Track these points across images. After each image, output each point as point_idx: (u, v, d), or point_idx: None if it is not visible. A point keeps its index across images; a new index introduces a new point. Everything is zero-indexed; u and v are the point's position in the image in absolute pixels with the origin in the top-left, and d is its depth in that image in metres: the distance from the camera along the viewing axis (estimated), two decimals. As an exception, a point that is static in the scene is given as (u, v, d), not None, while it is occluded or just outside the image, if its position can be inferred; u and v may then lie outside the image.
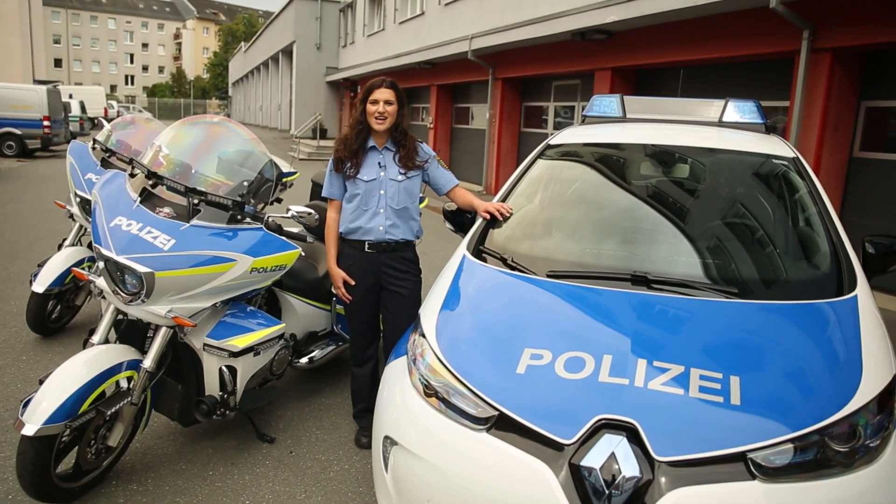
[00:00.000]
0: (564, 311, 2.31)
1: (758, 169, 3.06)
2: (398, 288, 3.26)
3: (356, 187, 3.20)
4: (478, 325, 2.32)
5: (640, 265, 2.52)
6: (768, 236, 2.72)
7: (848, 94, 7.12)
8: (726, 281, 2.43)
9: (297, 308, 3.83)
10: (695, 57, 8.63)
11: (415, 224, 3.30)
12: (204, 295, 2.91)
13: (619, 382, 1.92)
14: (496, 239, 2.91)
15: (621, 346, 2.04)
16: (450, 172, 3.38)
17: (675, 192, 3.06)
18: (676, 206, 2.95)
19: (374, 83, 3.17)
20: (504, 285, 2.52)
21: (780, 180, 3.01)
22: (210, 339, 3.00)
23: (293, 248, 3.15)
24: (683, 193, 3.06)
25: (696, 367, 1.95)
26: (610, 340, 2.08)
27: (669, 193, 3.04)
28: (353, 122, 3.24)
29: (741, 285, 2.39)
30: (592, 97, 3.96)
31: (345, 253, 3.30)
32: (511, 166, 14.41)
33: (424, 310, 2.53)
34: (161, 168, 3.06)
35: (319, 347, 4.03)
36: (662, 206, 2.92)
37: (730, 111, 3.62)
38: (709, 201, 2.96)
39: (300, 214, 3.24)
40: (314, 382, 4.25)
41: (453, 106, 17.89)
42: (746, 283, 2.44)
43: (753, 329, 2.16)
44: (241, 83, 52.77)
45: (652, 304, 2.26)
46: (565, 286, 2.41)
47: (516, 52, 12.68)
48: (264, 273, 3.05)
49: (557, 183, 3.27)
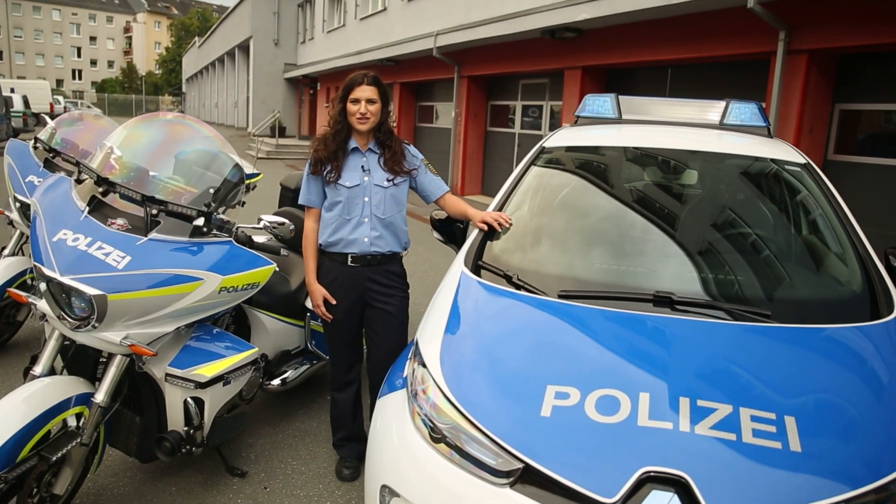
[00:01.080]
0: (585, 339, 2.05)
1: (772, 176, 2.86)
2: (384, 305, 2.96)
3: (337, 194, 2.88)
4: (488, 354, 2.03)
5: (661, 283, 2.28)
6: (794, 251, 2.51)
7: (823, 97, 7.08)
8: (756, 301, 2.21)
9: (268, 326, 3.49)
10: (668, 57, 8.51)
11: (402, 234, 3.00)
12: (165, 319, 2.56)
13: (663, 427, 1.66)
14: (496, 252, 2.63)
15: (658, 381, 1.78)
16: (439, 178, 3.08)
17: (688, 201, 2.82)
18: (693, 217, 2.71)
19: (354, 79, 2.86)
20: (512, 308, 2.24)
21: (796, 188, 2.81)
22: (173, 368, 2.64)
23: (267, 263, 2.82)
24: (698, 202, 2.82)
25: (746, 405, 1.70)
26: (643, 375, 1.82)
27: (682, 202, 2.81)
28: (331, 121, 2.92)
29: (773, 306, 2.16)
30: (584, 97, 3.72)
31: (325, 267, 2.98)
32: (477, 166, 14.21)
33: (423, 334, 2.24)
34: (113, 173, 2.69)
35: (293, 367, 3.70)
36: (677, 217, 2.69)
37: (732, 113, 3.42)
38: (726, 211, 2.74)
39: (273, 225, 2.90)
40: (287, 405, 3.91)
41: (417, 104, 17.62)
42: (778, 303, 2.21)
43: (798, 359, 1.93)
44: (196, 79, 51.44)
45: (682, 330, 2.01)
46: (581, 309, 2.15)
47: (483, 50, 12.44)
48: (234, 292, 2.70)
49: (558, 190, 3.01)
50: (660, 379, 1.78)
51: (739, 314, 2.09)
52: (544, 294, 2.24)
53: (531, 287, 2.27)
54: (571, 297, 2.21)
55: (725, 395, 1.73)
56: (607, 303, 2.18)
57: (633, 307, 2.14)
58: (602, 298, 2.20)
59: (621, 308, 2.13)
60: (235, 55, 33.86)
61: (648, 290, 2.20)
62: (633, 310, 2.12)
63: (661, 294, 2.15)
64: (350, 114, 2.84)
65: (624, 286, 2.31)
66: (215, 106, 43.29)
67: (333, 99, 2.95)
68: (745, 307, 2.12)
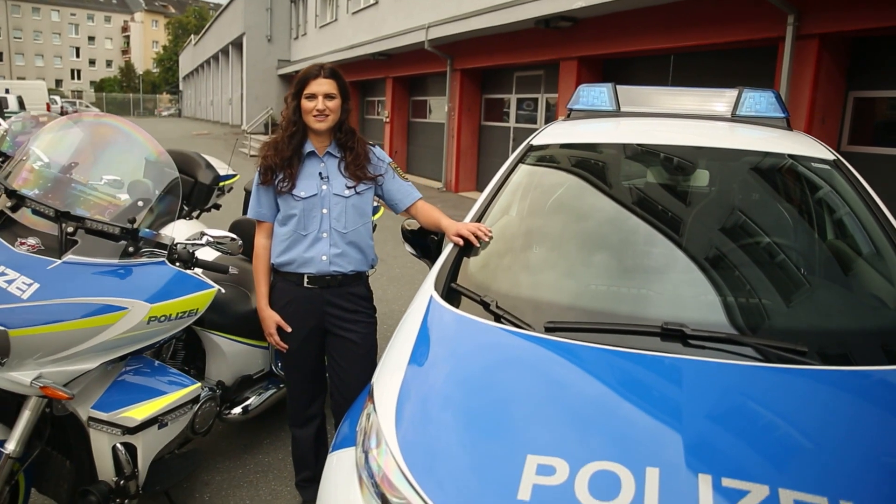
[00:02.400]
0: (576, 390, 1.65)
1: (797, 177, 2.46)
2: (347, 333, 2.56)
3: (291, 206, 2.49)
4: (455, 408, 1.64)
5: (671, 311, 1.89)
6: (830, 268, 2.11)
7: (835, 84, 6.66)
8: (788, 334, 1.80)
9: (225, 349, 3.10)
10: (669, 45, 8.09)
11: (368, 251, 2.60)
12: (86, 354, 2.17)
13: (676, 516, 1.27)
14: (472, 272, 2.23)
15: (670, 450, 1.39)
16: (409, 184, 2.69)
17: (700, 208, 2.41)
18: (706, 227, 2.29)
19: (308, 72, 2.46)
20: (488, 346, 1.84)
21: (826, 191, 2.40)
22: (97, 411, 2.25)
23: (208, 286, 2.42)
24: (712, 209, 2.41)
25: (787, 486, 1.31)
26: (651, 441, 1.43)
27: (693, 209, 2.40)
28: (284, 122, 2.53)
29: (810, 339, 1.76)
30: (578, 87, 3.32)
31: (278, 289, 2.58)
32: (472, 161, 13.82)
33: (380, 378, 1.85)
34: (26, 183, 2.31)
35: (256, 393, 3.32)
36: (687, 227, 2.28)
37: (745, 103, 3.02)
38: (746, 220, 2.33)
39: (219, 240, 2.52)
40: (250, 434, 3.52)
41: (410, 99, 17.22)
42: (816, 336, 1.81)
43: (852, 415, 1.53)
44: (192, 77, 51.13)
45: (699, 377, 1.62)
46: (572, 347, 1.75)
47: (476, 42, 12.04)
48: (168, 322, 2.31)
49: (547, 195, 2.60)
50: (672, 448, 1.39)
51: (767, 351, 1.70)
52: (528, 327, 1.84)
53: (512, 318, 1.88)
54: (560, 329, 1.82)
55: (759, 471, 1.34)
56: (604, 336, 1.78)
57: (636, 342, 1.75)
58: (597, 331, 1.81)
59: (622, 345, 1.73)
60: (230, 52, 33.57)
61: (655, 320, 1.81)
62: (637, 347, 1.72)
63: (670, 327, 1.75)
64: (305, 111, 2.44)
65: (625, 315, 1.91)
66: (211, 103, 43.09)
67: (286, 97, 2.55)
68: (775, 342, 1.72)
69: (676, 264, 2.11)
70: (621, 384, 1.63)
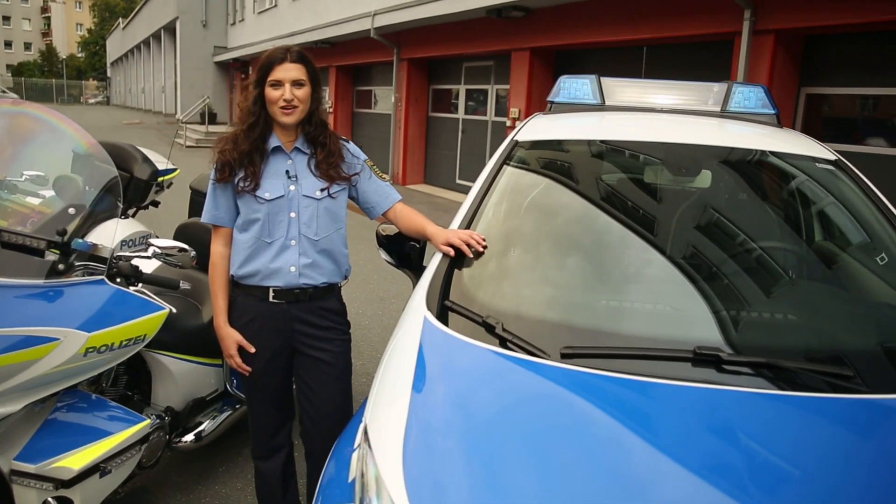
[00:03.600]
0: (604, 436, 1.40)
1: (808, 178, 2.29)
2: (318, 353, 2.27)
3: (254, 209, 2.17)
4: (475, 465, 1.37)
5: (700, 333, 1.68)
6: (860, 280, 1.94)
7: (789, 79, 6.68)
8: (830, 358, 1.62)
9: (173, 371, 2.75)
10: (623, 37, 7.98)
11: (342, 260, 2.31)
12: (7, 396, 1.81)
13: None
14: (468, 287, 1.97)
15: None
16: (388, 184, 2.39)
17: (714, 215, 2.22)
18: (725, 237, 2.10)
19: (273, 56, 2.13)
20: (501, 382, 1.59)
21: (836, 194, 2.25)
22: (22, 462, 1.90)
23: (157, 308, 2.10)
24: (728, 216, 2.21)
25: None
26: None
27: (709, 216, 2.20)
28: (243, 113, 2.19)
29: (854, 364, 1.58)
30: (559, 79, 3.09)
31: (239, 304, 2.26)
32: (419, 154, 13.56)
33: (375, 414, 1.58)
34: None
35: (210, 416, 2.99)
36: (703, 234, 2.08)
37: (734, 98, 2.86)
38: (765, 228, 2.14)
39: (167, 252, 2.18)
40: (203, 462, 3.18)
41: (354, 89, 16.79)
42: (860, 359, 1.63)
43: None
44: (121, 63, 48.90)
45: (744, 412, 1.41)
46: (595, 380, 1.51)
47: (424, 31, 11.73)
48: (110, 352, 1.97)
49: (543, 198, 2.34)
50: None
51: (811, 377, 1.51)
52: (542, 353, 1.60)
53: (523, 343, 1.63)
54: (579, 355, 1.59)
55: None
56: (628, 363, 1.56)
57: (664, 369, 1.54)
58: (621, 357, 1.59)
59: (647, 373, 1.52)
60: (162, 37, 32.21)
61: (683, 342, 1.60)
62: (665, 375, 1.51)
63: (703, 350, 1.54)
64: (270, 101, 2.12)
65: (649, 337, 1.69)
66: (142, 91, 41.44)
67: (246, 84, 2.22)
68: (819, 367, 1.54)
69: (700, 278, 1.90)
70: (654, 426, 1.40)
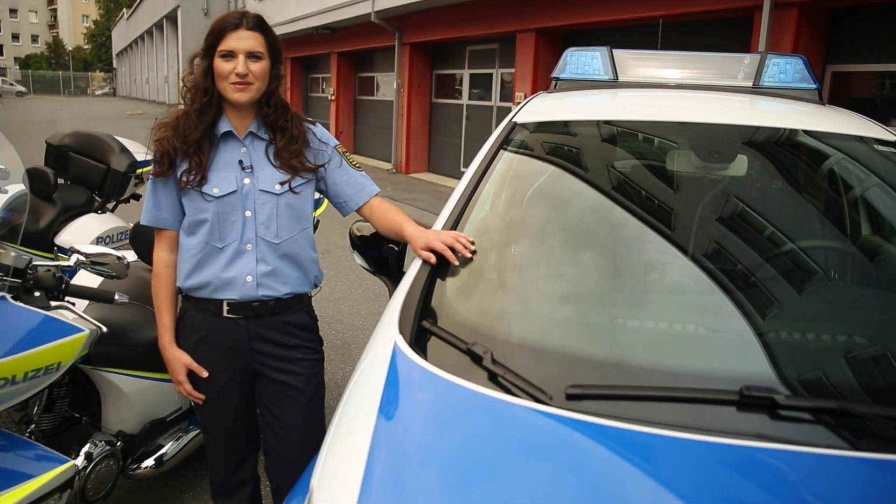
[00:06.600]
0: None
1: (866, 163, 1.91)
2: (284, 376, 1.90)
3: (201, 208, 1.80)
4: None
5: (746, 364, 1.31)
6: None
7: (814, 57, 6.24)
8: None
9: (126, 390, 2.40)
10: (634, 15, 7.55)
11: (310, 266, 1.94)
12: None
13: None
14: (452, 305, 1.58)
15: None
16: (363, 174, 2.02)
17: (753, 206, 1.83)
18: (769, 235, 1.71)
19: (226, 21, 1.73)
20: (485, 439, 1.22)
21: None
22: None
23: (74, 330, 1.74)
24: (771, 208, 1.80)
25: None
26: None
27: (745, 209, 1.81)
28: (191, 91, 1.83)
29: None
30: (566, 52, 2.71)
31: (188, 321, 1.90)
32: (423, 141, 13.21)
33: (321, 485, 1.22)
34: None
35: (173, 438, 2.64)
36: (741, 235, 1.70)
37: (769, 71, 2.48)
38: (821, 224, 1.76)
39: (95, 260, 1.83)
40: (167, 487, 2.83)
41: (356, 75, 16.48)
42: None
43: None
44: (126, 54, 48.81)
45: (812, 483, 1.05)
46: (610, 436, 1.15)
47: (426, 14, 11.37)
48: (12, 385, 1.63)
49: (543, 191, 1.95)
50: None
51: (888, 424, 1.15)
52: (543, 395, 1.23)
53: (518, 382, 1.26)
54: (589, 396, 1.22)
55: None
56: (652, 408, 1.20)
57: (702, 416, 1.17)
58: (643, 399, 1.22)
59: (681, 423, 1.15)
60: (164, 27, 32.08)
61: (727, 382, 1.23)
62: (704, 427, 1.14)
63: (752, 391, 1.17)
64: (220, 76, 1.74)
65: (679, 372, 1.32)
66: (146, 82, 41.55)
67: (193, 56, 1.85)
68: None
69: (744, 291, 1.51)
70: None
